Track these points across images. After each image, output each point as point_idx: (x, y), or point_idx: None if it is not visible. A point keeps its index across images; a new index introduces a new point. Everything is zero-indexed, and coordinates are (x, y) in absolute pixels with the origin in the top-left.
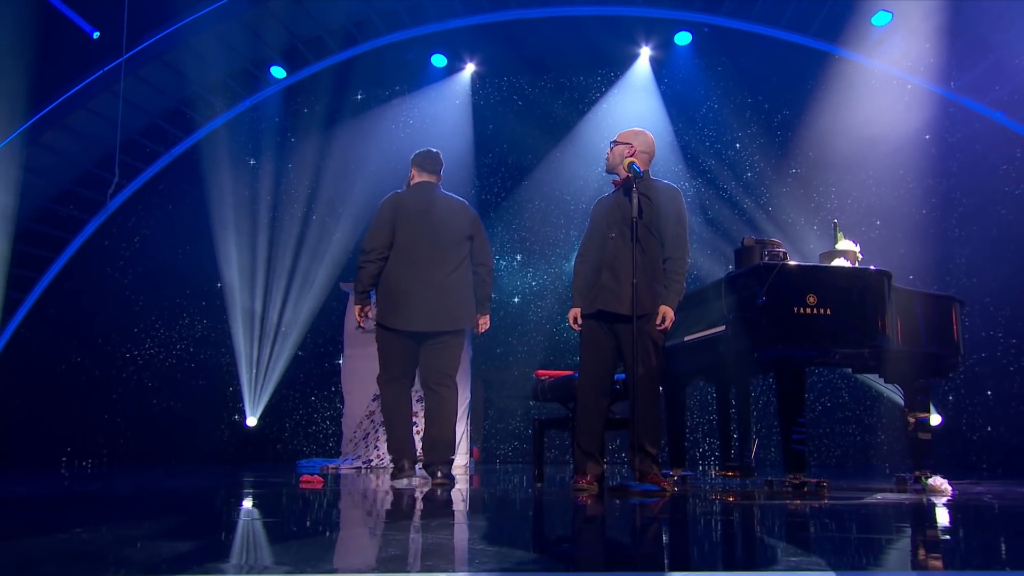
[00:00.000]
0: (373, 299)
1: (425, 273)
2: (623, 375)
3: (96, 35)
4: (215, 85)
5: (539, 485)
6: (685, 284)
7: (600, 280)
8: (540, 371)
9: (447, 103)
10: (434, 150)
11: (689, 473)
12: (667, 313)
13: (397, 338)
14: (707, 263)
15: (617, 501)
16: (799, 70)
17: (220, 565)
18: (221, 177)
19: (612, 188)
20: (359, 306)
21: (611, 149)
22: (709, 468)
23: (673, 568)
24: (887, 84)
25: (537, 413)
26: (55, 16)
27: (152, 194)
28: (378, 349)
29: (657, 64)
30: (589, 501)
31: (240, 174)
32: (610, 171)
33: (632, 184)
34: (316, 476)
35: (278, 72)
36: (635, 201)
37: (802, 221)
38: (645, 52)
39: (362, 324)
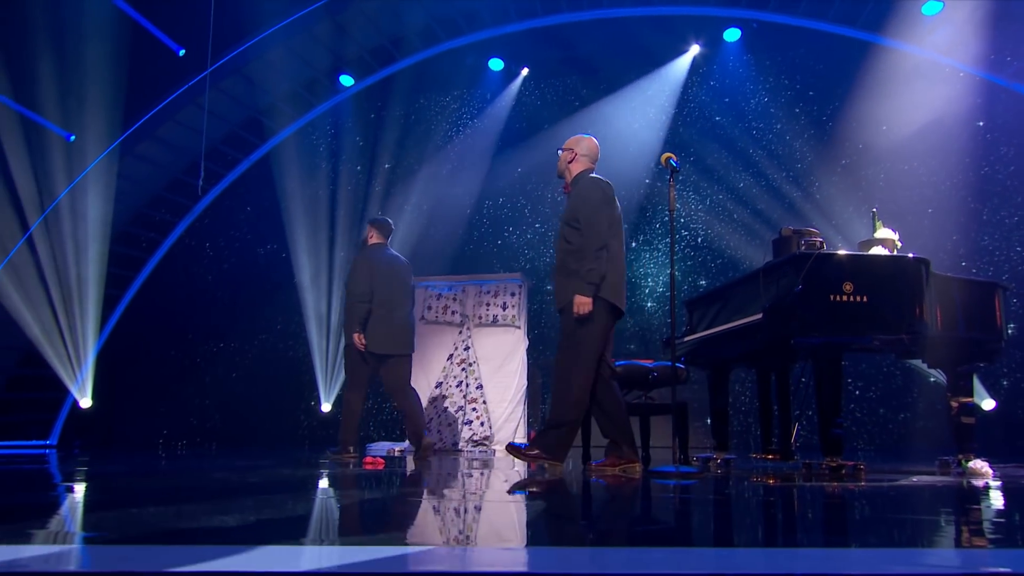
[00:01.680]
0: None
1: (394, 312)
2: (656, 363)
3: (182, 53)
4: (288, 94)
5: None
6: (601, 269)
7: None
8: None
9: (503, 105)
10: (389, 220)
11: (732, 456)
12: (576, 301)
13: (364, 355)
14: (757, 255)
15: (652, 482)
16: (847, 62)
17: (291, 534)
18: (294, 181)
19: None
20: (358, 333)
21: (559, 156)
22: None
23: (693, 545)
24: (938, 73)
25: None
26: (145, 37)
27: (233, 198)
28: (347, 366)
29: (705, 61)
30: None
31: (311, 177)
32: (559, 176)
33: (671, 176)
34: (379, 458)
35: (346, 80)
36: (672, 196)
37: (850, 210)
38: (694, 50)
39: (362, 344)
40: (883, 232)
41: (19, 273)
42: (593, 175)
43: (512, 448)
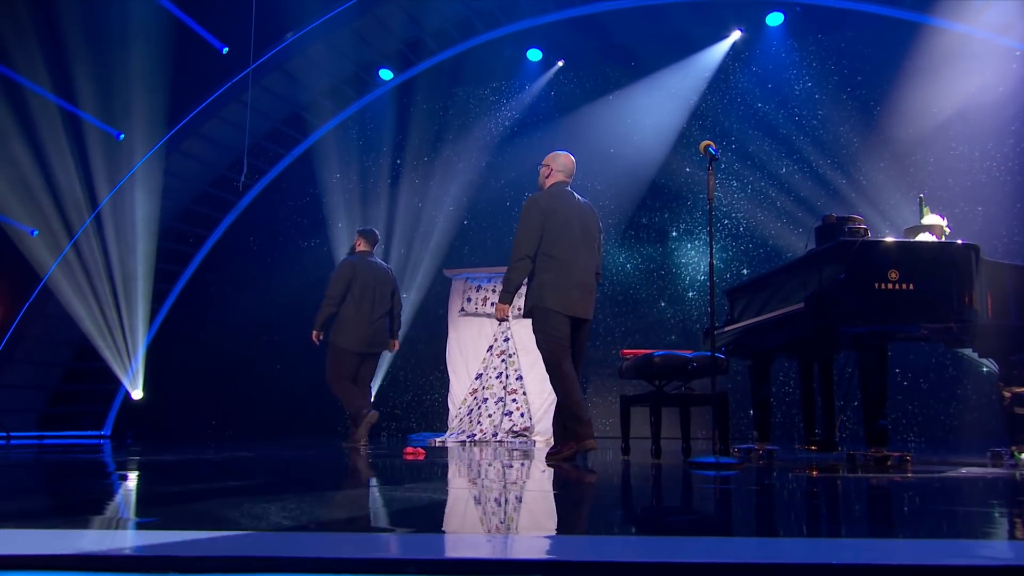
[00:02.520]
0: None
1: (373, 315)
2: (695, 353)
3: (225, 51)
4: (328, 89)
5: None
6: (515, 279)
7: None
8: (625, 350)
9: (541, 95)
10: (375, 230)
11: (775, 448)
12: (496, 307)
13: (351, 354)
14: (800, 243)
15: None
16: (895, 44)
17: (325, 520)
18: (334, 175)
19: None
20: (317, 331)
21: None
22: (796, 443)
23: (733, 534)
24: (991, 53)
25: (633, 389)
26: (189, 35)
27: (275, 192)
28: (331, 360)
29: (747, 46)
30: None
31: (351, 172)
32: (539, 190)
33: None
34: (420, 448)
35: (385, 74)
36: (711, 184)
37: (897, 197)
38: (734, 36)
39: (318, 339)
40: (930, 218)
41: (72, 270)
42: (543, 191)
43: (550, 456)
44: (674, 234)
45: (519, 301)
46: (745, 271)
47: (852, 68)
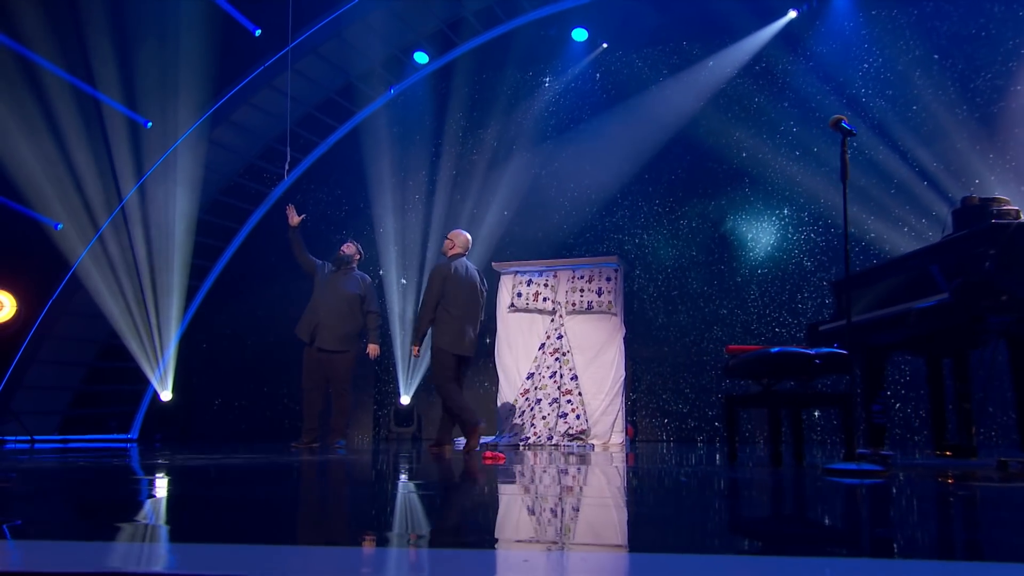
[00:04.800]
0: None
1: (330, 319)
2: (818, 350)
3: (258, 33)
4: (365, 73)
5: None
6: (421, 328)
7: None
8: (732, 346)
9: (588, 78)
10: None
11: (890, 453)
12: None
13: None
14: (897, 233)
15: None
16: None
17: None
18: (371, 163)
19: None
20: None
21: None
22: (915, 449)
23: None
24: None
25: (691, 389)
26: (222, 16)
27: (310, 181)
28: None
29: (812, 20)
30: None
31: (388, 160)
32: (443, 255)
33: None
34: (498, 453)
35: (421, 57)
36: (845, 161)
37: (992, 179)
38: (791, 15)
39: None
40: None
41: (99, 265)
42: (445, 261)
43: (432, 448)
44: (730, 224)
45: (575, 296)
46: (807, 262)
47: (935, 40)
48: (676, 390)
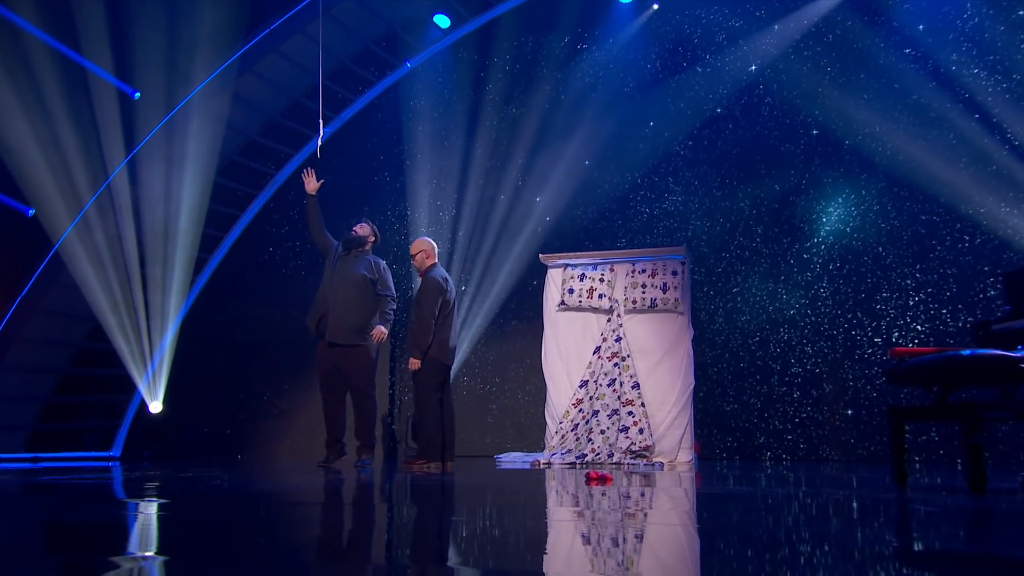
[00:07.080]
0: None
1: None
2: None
3: None
4: (384, 35)
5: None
6: (428, 340)
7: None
8: (897, 348)
9: (640, 45)
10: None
11: None
12: (411, 361)
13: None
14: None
15: None
16: None
17: None
18: (410, 127)
19: None
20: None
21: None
22: None
23: None
24: None
25: (758, 400)
26: None
27: (331, 157)
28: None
29: None
30: None
31: (424, 127)
32: (419, 269)
33: None
34: (606, 473)
35: (442, 21)
36: None
37: None
38: None
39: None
40: None
41: (78, 253)
42: (433, 272)
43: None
44: (799, 209)
45: (636, 293)
46: (889, 257)
47: None
48: (741, 401)
